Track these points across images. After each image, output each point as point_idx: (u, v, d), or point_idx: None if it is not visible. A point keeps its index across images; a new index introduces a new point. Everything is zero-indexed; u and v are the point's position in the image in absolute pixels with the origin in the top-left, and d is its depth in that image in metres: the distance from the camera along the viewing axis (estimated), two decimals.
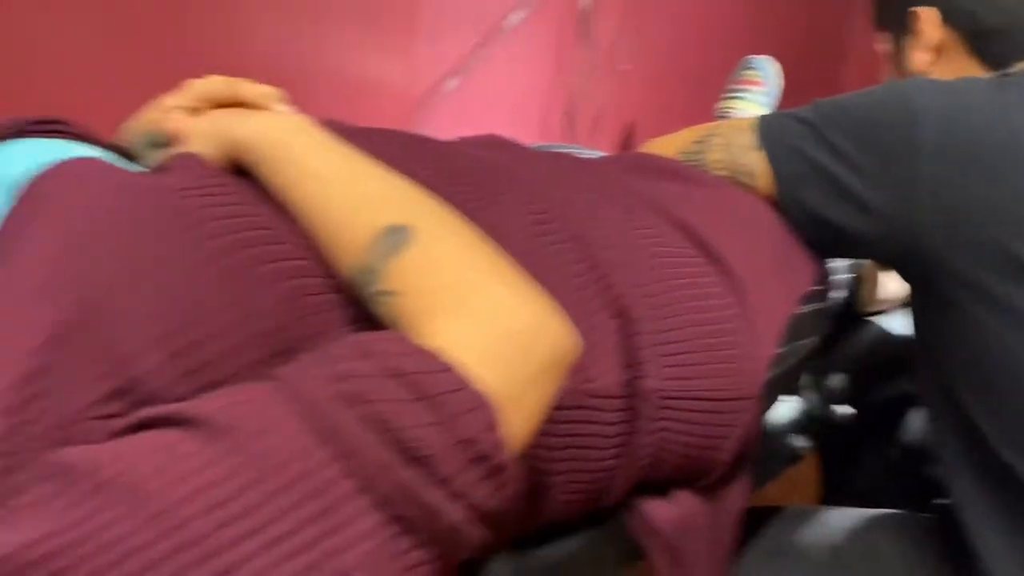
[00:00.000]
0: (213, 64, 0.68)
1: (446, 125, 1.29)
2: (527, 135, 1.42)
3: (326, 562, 0.37)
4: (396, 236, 0.47)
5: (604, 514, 0.65)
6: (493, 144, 0.74)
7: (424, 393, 0.40)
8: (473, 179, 0.63)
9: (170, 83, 0.61)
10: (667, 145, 0.90)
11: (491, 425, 0.41)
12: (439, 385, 0.40)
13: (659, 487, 0.66)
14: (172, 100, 0.59)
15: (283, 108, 0.58)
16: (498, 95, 1.50)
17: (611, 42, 1.66)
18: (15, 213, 0.48)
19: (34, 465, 0.39)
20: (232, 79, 0.59)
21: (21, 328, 0.41)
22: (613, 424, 0.58)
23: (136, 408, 0.41)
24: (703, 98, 1.65)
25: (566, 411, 0.54)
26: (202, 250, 0.44)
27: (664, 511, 0.66)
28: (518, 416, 0.43)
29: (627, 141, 1.76)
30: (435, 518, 0.39)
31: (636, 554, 0.68)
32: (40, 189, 0.49)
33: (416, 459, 0.39)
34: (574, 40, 1.63)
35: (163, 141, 0.58)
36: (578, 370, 0.53)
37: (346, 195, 0.50)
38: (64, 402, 0.40)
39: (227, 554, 0.35)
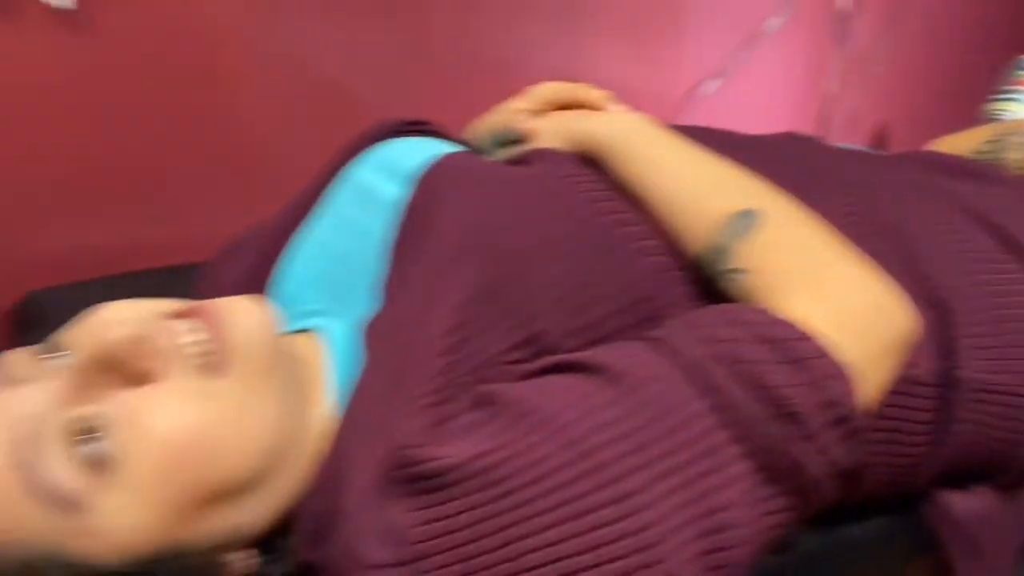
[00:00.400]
0: (508, 77, 0.77)
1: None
2: None
3: (703, 499, 0.42)
4: (747, 219, 0.52)
5: (901, 501, 0.66)
6: (794, 139, 0.77)
7: (792, 357, 0.44)
8: (786, 171, 0.66)
9: (473, 92, 0.70)
10: (957, 144, 0.88)
11: (850, 391, 0.45)
12: (805, 351, 0.45)
13: (959, 479, 0.67)
14: (518, 103, 0.68)
15: (619, 107, 0.65)
16: (754, 98, 1.52)
17: (867, 45, 1.62)
18: (419, 196, 0.58)
19: (465, 396, 0.48)
20: (571, 84, 0.67)
21: (450, 287, 0.50)
22: (927, 411, 0.60)
23: (537, 357, 0.49)
24: (957, 100, 1.58)
25: (890, 394, 0.56)
26: (588, 227, 0.52)
27: (963, 503, 0.67)
28: (863, 389, 0.47)
29: (881, 144, 1.72)
30: (800, 471, 0.44)
31: (926, 546, 0.68)
32: (435, 177, 0.58)
33: (786, 415, 0.43)
34: (830, 43, 1.61)
35: (512, 139, 0.66)
36: None
37: (691, 183, 0.55)
38: (483, 348, 0.49)
39: (625, 481, 0.42)
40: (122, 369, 0.46)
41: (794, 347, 0.45)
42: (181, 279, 0.73)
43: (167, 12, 1.00)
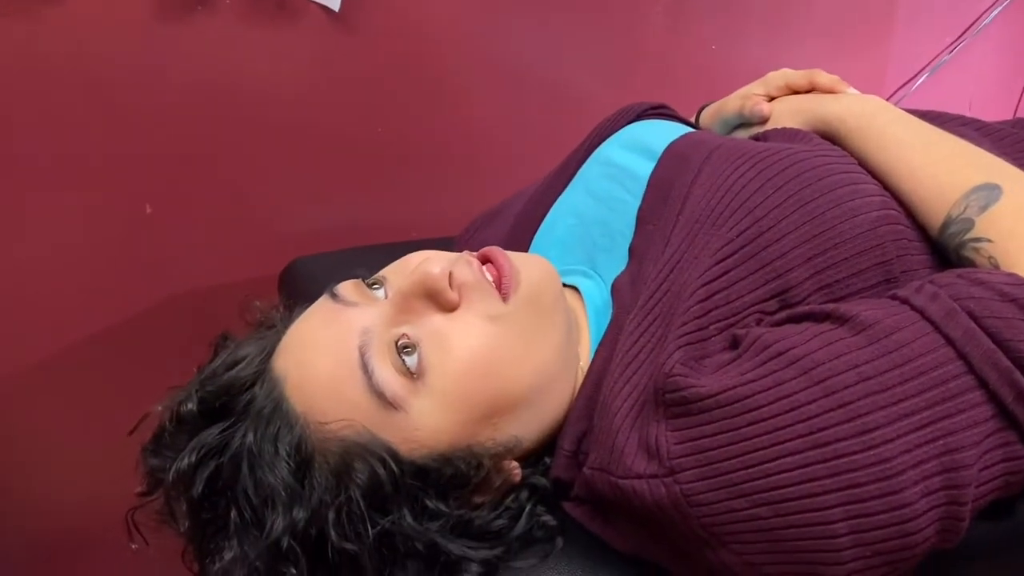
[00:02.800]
0: (715, 76, 0.82)
1: None
2: None
3: (944, 437, 0.46)
4: (988, 192, 0.55)
5: None
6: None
7: None
8: (1017, 151, 0.68)
9: (681, 90, 0.75)
10: None
11: None
12: None
13: None
14: (755, 88, 0.73)
15: (854, 91, 0.69)
16: (964, 90, 1.48)
17: None
18: (666, 168, 0.65)
19: (720, 338, 0.54)
20: (808, 70, 0.72)
21: (711, 244, 0.57)
22: None
23: (784, 309, 0.54)
24: None
25: None
26: (833, 194, 0.56)
27: None
28: None
29: None
30: None
31: None
32: (682, 150, 0.65)
33: None
34: None
35: (750, 121, 0.72)
36: None
37: (932, 159, 0.59)
38: (738, 297, 0.55)
39: (868, 416, 0.46)
40: (435, 298, 0.56)
41: None
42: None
43: (410, 18, 1.13)
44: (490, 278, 0.58)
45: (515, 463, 0.59)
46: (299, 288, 1.03)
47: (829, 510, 0.45)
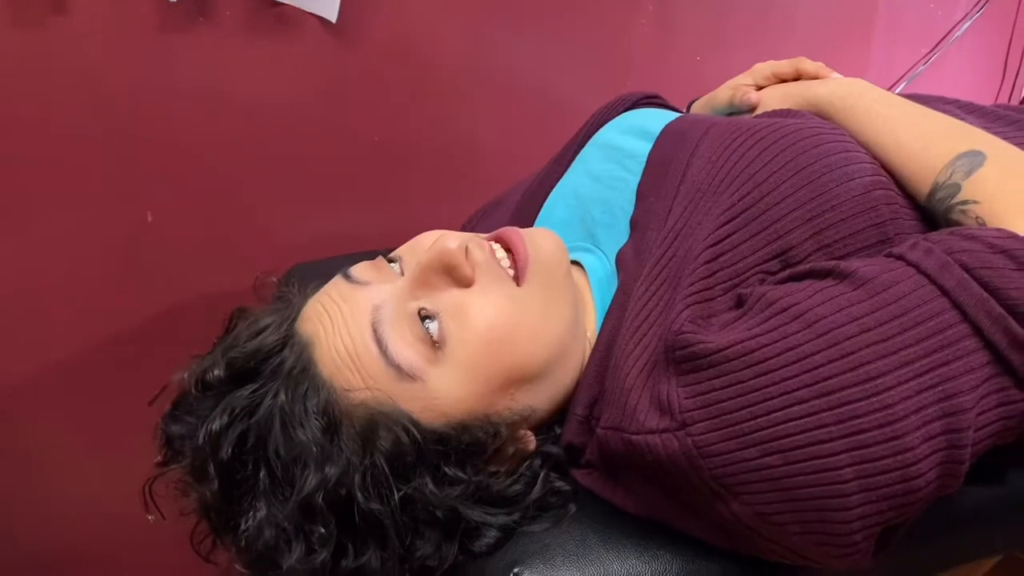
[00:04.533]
0: (705, 81, 0.86)
1: None
2: None
3: (943, 383, 0.47)
4: (972, 158, 0.58)
5: None
6: (1002, 106, 0.81)
7: None
8: (998, 126, 0.71)
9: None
10: None
11: None
12: None
13: None
14: (743, 79, 0.77)
15: (838, 75, 0.72)
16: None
17: None
18: (664, 145, 0.68)
19: (724, 298, 0.56)
20: (793, 59, 0.75)
21: (712, 210, 0.59)
22: None
23: (785, 269, 0.57)
24: None
25: None
26: (828, 160, 0.59)
27: None
28: None
29: None
30: None
31: None
32: (679, 128, 0.69)
33: (1021, 315, 0.48)
34: (1016, 46, 1.60)
35: (739, 110, 0.75)
36: None
37: (918, 131, 0.62)
38: (740, 259, 0.57)
39: (870, 365, 0.47)
40: (452, 273, 0.58)
41: None
42: None
43: (406, 28, 1.16)
44: (505, 262, 0.60)
45: (529, 432, 0.61)
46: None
47: (836, 456, 0.47)
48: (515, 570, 0.54)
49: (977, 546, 0.70)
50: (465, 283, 0.58)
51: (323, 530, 0.53)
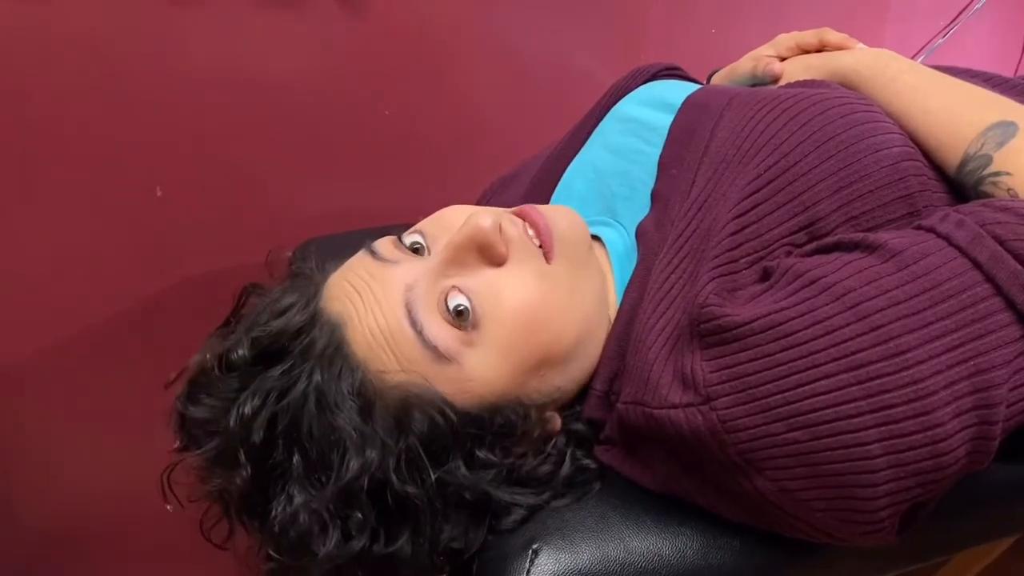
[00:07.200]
0: (715, 60, 0.84)
1: None
2: None
3: (974, 358, 0.46)
4: (1005, 128, 0.56)
5: None
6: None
7: None
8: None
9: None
10: None
11: None
12: None
13: None
14: (765, 50, 0.75)
15: (863, 46, 0.71)
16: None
17: None
18: (686, 116, 0.67)
19: (749, 271, 0.55)
20: (817, 29, 0.73)
21: (737, 180, 0.58)
22: None
23: (812, 241, 0.55)
24: None
25: None
26: (855, 131, 0.58)
27: None
28: None
29: None
30: None
31: None
32: (701, 99, 0.67)
33: None
34: None
35: (762, 81, 0.74)
36: None
37: (947, 102, 0.60)
38: (766, 231, 0.56)
39: (900, 338, 0.46)
40: (486, 252, 0.57)
41: None
42: None
43: (416, 2, 1.14)
44: (532, 236, 0.59)
45: (555, 413, 0.60)
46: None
47: (865, 431, 0.46)
48: (534, 546, 0.54)
49: (1000, 525, 0.69)
50: (499, 262, 0.57)
51: (360, 516, 0.52)
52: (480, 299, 0.55)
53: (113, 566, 1.32)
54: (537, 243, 0.59)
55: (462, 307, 0.55)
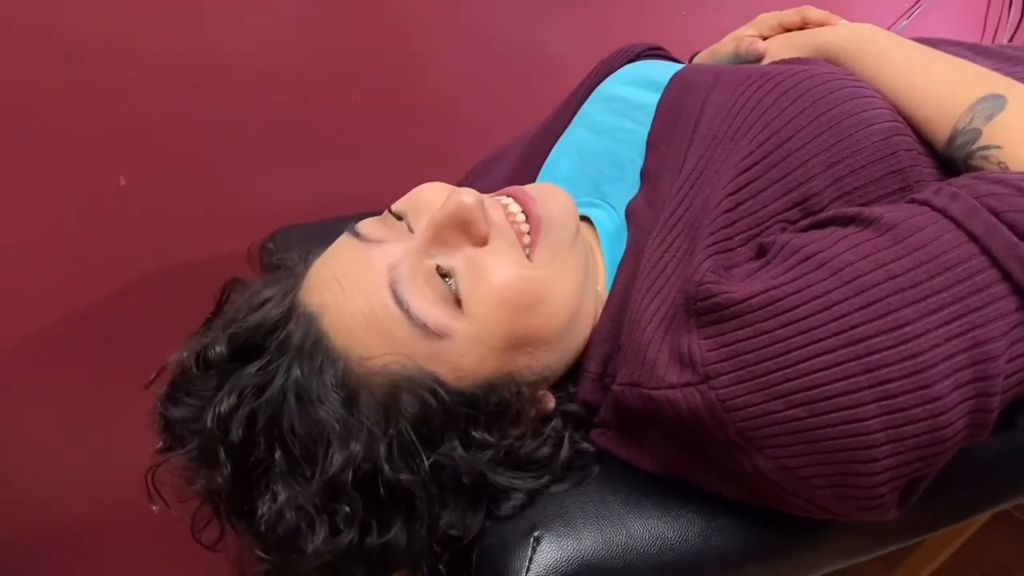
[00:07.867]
0: (691, 38, 0.84)
1: None
2: None
3: (972, 330, 0.46)
4: (993, 102, 0.56)
5: None
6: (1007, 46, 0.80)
7: None
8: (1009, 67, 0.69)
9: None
10: None
11: None
12: None
13: None
14: (747, 30, 0.75)
15: (845, 22, 0.70)
16: None
17: None
18: (673, 94, 0.66)
19: (744, 248, 0.55)
20: (798, 8, 0.73)
21: (730, 158, 0.57)
22: None
23: (806, 217, 0.55)
24: None
25: None
26: (845, 106, 0.57)
27: None
28: None
29: None
30: None
31: None
32: (687, 77, 0.66)
33: None
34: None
35: (745, 60, 0.73)
36: None
37: (935, 76, 0.60)
38: (760, 208, 0.56)
39: (898, 312, 0.46)
40: (468, 229, 0.56)
41: None
42: None
43: None
44: (520, 218, 0.58)
45: (548, 392, 0.59)
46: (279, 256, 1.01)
47: (864, 406, 0.46)
48: (535, 534, 0.53)
49: (978, 501, 0.69)
50: (481, 241, 0.56)
51: (348, 509, 0.51)
52: (462, 276, 0.55)
53: (113, 566, 1.29)
54: (525, 229, 0.59)
55: (447, 284, 0.54)
